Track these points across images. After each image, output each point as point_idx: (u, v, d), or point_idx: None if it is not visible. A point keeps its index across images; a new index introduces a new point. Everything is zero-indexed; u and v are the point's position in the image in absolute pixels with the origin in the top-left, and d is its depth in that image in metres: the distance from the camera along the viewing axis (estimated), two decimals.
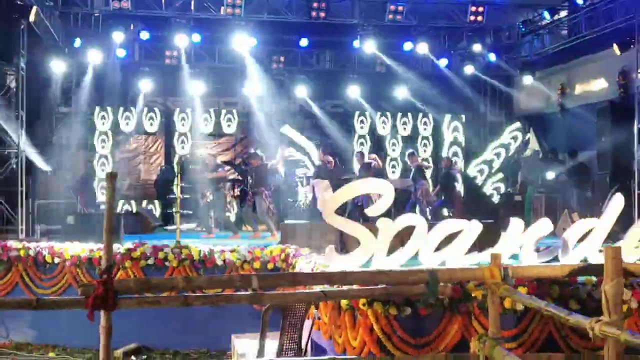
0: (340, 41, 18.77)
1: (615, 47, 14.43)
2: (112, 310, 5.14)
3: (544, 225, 6.50)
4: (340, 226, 6.33)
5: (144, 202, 17.93)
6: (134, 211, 17.00)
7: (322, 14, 16.46)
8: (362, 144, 19.00)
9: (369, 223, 7.06)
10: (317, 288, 5.78)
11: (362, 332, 6.31)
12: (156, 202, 17.94)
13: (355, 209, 12.80)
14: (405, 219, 6.45)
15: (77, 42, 16.91)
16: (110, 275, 5.21)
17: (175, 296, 5.37)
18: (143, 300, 5.33)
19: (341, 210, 10.99)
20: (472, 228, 6.47)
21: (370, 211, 6.40)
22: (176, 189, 10.96)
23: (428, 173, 17.26)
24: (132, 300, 5.26)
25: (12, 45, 11.80)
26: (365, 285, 5.81)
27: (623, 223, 7.43)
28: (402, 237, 6.44)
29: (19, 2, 12.09)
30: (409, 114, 19.29)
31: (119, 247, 9.98)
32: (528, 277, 6.07)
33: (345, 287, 5.92)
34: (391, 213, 7.38)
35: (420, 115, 19.31)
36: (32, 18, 12.54)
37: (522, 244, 6.47)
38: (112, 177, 5.43)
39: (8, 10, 11.51)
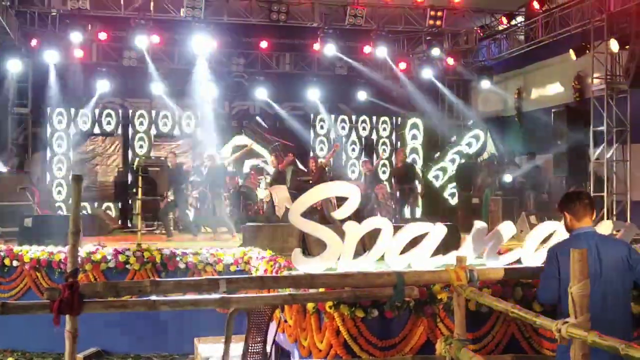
0: (301, 44, 18.84)
1: (571, 52, 14.66)
2: (78, 315, 5.08)
3: (507, 228, 6.60)
4: (307, 229, 6.34)
5: (102, 204, 17.68)
6: (91, 213, 16.77)
7: (283, 17, 16.44)
8: (321, 148, 19.03)
9: (332, 225, 7.08)
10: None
11: (328, 334, 6.32)
12: (112, 204, 17.73)
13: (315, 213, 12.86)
14: (371, 222, 6.49)
15: (34, 42, 16.62)
16: (76, 278, 5.15)
17: (143, 300, 5.32)
18: (110, 304, 5.26)
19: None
20: (437, 231, 6.53)
21: (337, 214, 6.42)
22: (139, 191, 10.86)
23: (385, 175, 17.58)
24: (99, 304, 5.20)
25: None
26: (332, 288, 5.84)
27: None
28: (367, 240, 6.47)
29: None
30: (368, 117, 19.37)
31: (79, 250, 9.83)
32: (493, 279, 6.15)
33: (312, 290, 5.94)
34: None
35: (381, 118, 19.39)
36: None
37: (486, 247, 6.55)
38: (78, 179, 5.38)
39: None
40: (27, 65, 16.97)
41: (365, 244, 6.80)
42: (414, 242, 6.63)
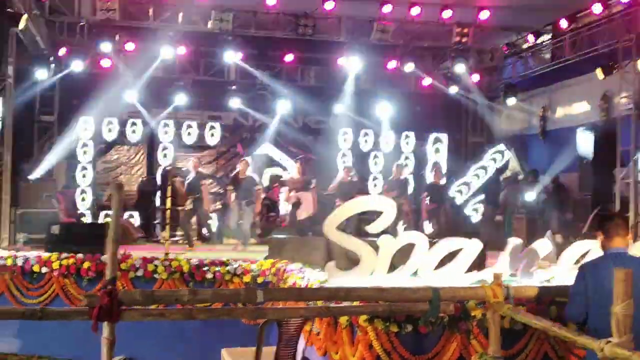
0: (326, 58, 18.85)
1: (598, 71, 14.59)
2: (116, 322, 5.12)
3: (542, 245, 6.57)
4: (342, 242, 6.34)
5: (126, 213, 17.75)
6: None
7: (309, 31, 16.48)
8: (344, 162, 19.03)
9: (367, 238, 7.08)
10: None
11: (361, 348, 6.31)
12: (136, 213, 17.81)
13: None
14: (406, 237, 6.49)
15: (62, 51, 16.76)
16: (114, 286, 5.19)
17: (180, 309, 5.35)
18: (147, 313, 5.31)
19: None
20: (472, 246, 6.52)
21: (371, 228, 6.42)
22: (168, 201, 10.91)
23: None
24: (137, 312, 5.24)
25: (1, 53, 11.68)
26: (367, 302, 5.84)
27: None
28: (402, 255, 6.47)
29: (8, 10, 11.96)
30: (391, 132, 19.36)
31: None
32: (529, 296, 6.13)
33: (345, 303, 5.94)
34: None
35: (404, 133, 19.38)
36: (22, 26, 12.44)
37: (520, 264, 6.52)
38: (119, 188, 5.44)
39: None
40: (54, 74, 17.13)
41: (403, 258, 6.78)
42: (449, 257, 6.61)
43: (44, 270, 10.08)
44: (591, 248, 6.81)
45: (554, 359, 6.54)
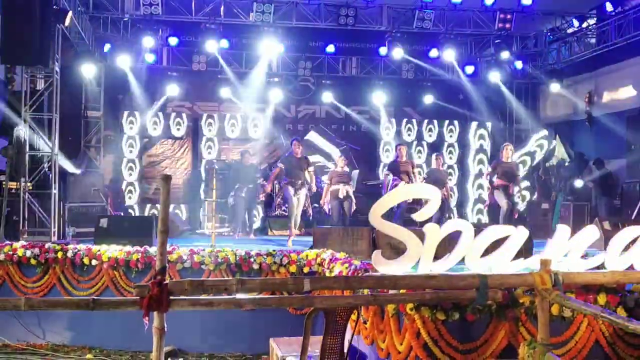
0: (367, 48, 18.85)
1: None
2: (165, 312, 5.19)
3: (591, 232, 6.49)
4: (387, 230, 6.33)
5: (172, 206, 17.97)
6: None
7: (351, 21, 16.46)
8: (387, 149, 18.98)
9: (412, 227, 7.06)
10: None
11: (408, 336, 6.32)
12: (182, 206, 18.02)
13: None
14: (452, 225, 6.45)
15: (107, 47, 17.00)
16: (164, 276, 5.26)
17: (229, 298, 5.40)
18: (196, 302, 5.36)
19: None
20: (519, 234, 6.46)
21: (417, 216, 6.40)
22: (212, 193, 11.01)
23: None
24: (186, 302, 5.29)
25: (47, 50, 11.87)
26: (414, 290, 5.83)
27: None
28: (448, 243, 6.43)
29: (54, 7, 12.15)
30: (435, 121, 19.26)
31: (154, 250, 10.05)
32: (578, 283, 6.08)
33: (391, 292, 5.94)
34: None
35: (447, 122, 19.26)
36: (67, 23, 12.63)
37: (569, 251, 6.44)
38: (167, 179, 5.50)
39: (44, 15, 11.58)
40: (100, 70, 17.39)
41: (449, 246, 6.75)
42: (495, 245, 6.56)
43: (94, 262, 10.25)
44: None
45: (605, 347, 6.47)
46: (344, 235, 10.79)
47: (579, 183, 16.17)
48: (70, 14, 12.65)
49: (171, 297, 5.18)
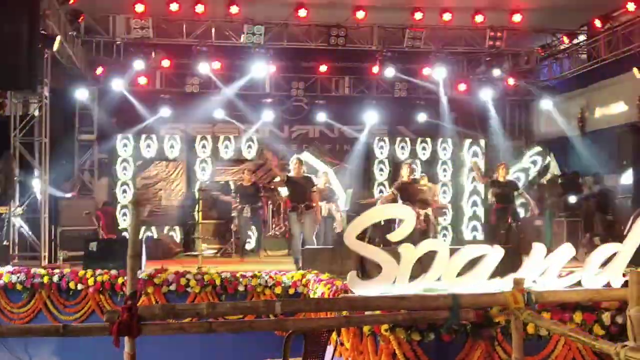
0: (360, 67, 18.88)
1: (635, 70, 14.38)
2: (136, 337, 5.18)
3: (566, 250, 6.48)
4: (362, 251, 6.34)
5: (165, 228, 17.99)
6: (155, 237, 17.07)
7: (341, 41, 16.53)
8: (381, 169, 18.99)
9: (390, 247, 7.07)
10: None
11: (384, 358, 6.30)
12: (177, 228, 18.03)
13: (376, 232, 12.73)
14: (427, 244, 6.45)
15: (100, 70, 17.10)
16: (134, 301, 5.26)
17: (200, 322, 5.40)
18: (167, 327, 5.38)
19: (362, 234, 11.05)
20: (494, 253, 6.46)
21: (392, 236, 6.41)
22: (197, 215, 11.02)
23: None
24: (157, 327, 5.30)
25: (35, 75, 11.92)
26: (387, 311, 5.83)
27: None
28: (423, 263, 6.43)
29: (43, 32, 12.22)
30: (428, 139, 19.27)
31: (140, 273, 10.05)
32: (551, 302, 6.07)
33: (367, 313, 5.94)
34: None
35: (440, 139, 19.27)
36: (56, 47, 12.70)
37: (544, 269, 6.44)
38: (136, 203, 5.52)
39: (31, 40, 11.63)
40: (92, 93, 17.47)
41: (425, 266, 6.75)
42: (471, 264, 6.56)
43: (80, 287, 10.24)
44: (618, 250, 6.69)
45: None
46: (333, 256, 10.78)
47: (572, 199, 16.13)
48: (58, 38, 12.71)
49: (142, 323, 5.17)
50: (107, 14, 16.43)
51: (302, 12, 15.78)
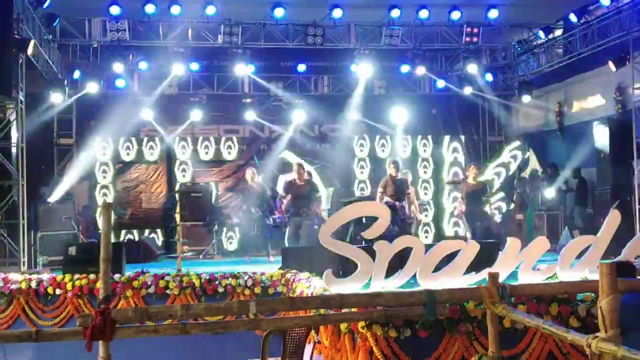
0: (338, 66, 18.88)
1: (610, 63, 14.45)
2: (110, 341, 5.15)
3: (541, 243, 6.51)
4: (337, 249, 6.34)
5: (146, 231, 17.92)
6: (137, 240, 16.99)
7: (319, 40, 16.51)
8: (362, 167, 19.01)
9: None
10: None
11: (362, 355, 6.31)
12: (158, 230, 17.96)
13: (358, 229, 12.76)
14: (403, 241, 6.47)
15: (77, 74, 16.99)
16: (108, 305, 5.22)
17: (174, 324, 5.37)
18: (141, 330, 5.33)
19: (345, 231, 11.07)
20: (470, 248, 6.48)
21: (367, 234, 6.41)
22: (177, 217, 11.00)
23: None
24: (131, 330, 5.26)
25: (9, 79, 11.84)
26: (363, 308, 5.82)
27: (625, 238, 7.44)
28: (400, 259, 6.45)
29: (16, 36, 12.15)
30: (408, 136, 19.30)
31: (120, 277, 10.01)
32: (526, 295, 6.09)
33: (344, 310, 5.93)
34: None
35: (420, 137, 19.30)
36: (30, 51, 12.62)
37: (520, 263, 6.47)
38: (107, 207, 5.49)
39: (4, 44, 11.55)
40: (70, 97, 17.35)
41: (401, 262, 6.76)
42: (448, 259, 6.58)
43: (58, 292, 10.17)
44: (592, 243, 6.73)
45: (559, 357, 6.47)
46: (313, 254, 10.77)
47: (551, 193, 16.22)
48: (32, 42, 12.65)
49: (116, 326, 5.14)
50: (82, 17, 16.36)
51: (279, 12, 15.76)
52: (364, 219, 11.25)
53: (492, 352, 5.62)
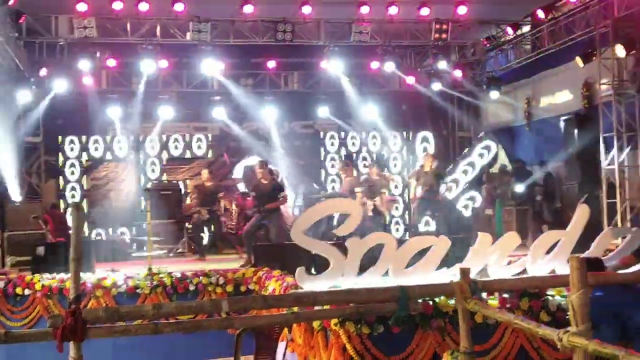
0: (308, 62, 18.86)
1: (577, 59, 14.59)
2: (81, 341, 5.10)
3: (511, 238, 6.56)
4: (309, 246, 6.34)
5: (117, 230, 17.73)
6: (106, 239, 16.83)
7: (288, 36, 16.46)
8: (332, 165, 19.00)
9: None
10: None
11: (335, 352, 6.31)
12: (126, 229, 17.78)
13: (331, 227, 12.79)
14: (375, 237, 6.48)
15: (43, 72, 16.75)
16: (78, 305, 5.17)
17: (146, 324, 5.33)
18: (113, 330, 5.29)
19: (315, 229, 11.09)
20: (441, 244, 6.51)
21: (339, 230, 6.41)
22: (148, 215, 10.92)
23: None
24: (102, 330, 5.22)
25: None
26: (336, 305, 5.82)
27: (593, 232, 7.52)
28: (372, 255, 6.46)
29: None
30: (379, 132, 19.34)
31: (90, 276, 9.92)
32: (497, 290, 6.13)
33: (316, 308, 5.93)
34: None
35: (390, 132, 19.34)
36: None
37: (490, 258, 6.51)
38: (77, 207, 5.43)
39: None
40: (37, 95, 17.08)
41: (373, 259, 6.77)
42: (419, 255, 6.61)
43: (27, 292, 10.05)
44: (561, 238, 6.79)
45: (530, 351, 6.53)
46: (285, 252, 10.76)
47: (520, 188, 16.35)
48: None
49: (87, 326, 5.09)
50: (49, 14, 16.16)
51: (248, 8, 15.65)
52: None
53: (465, 348, 5.66)
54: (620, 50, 13.42)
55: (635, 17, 13.26)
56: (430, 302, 6.30)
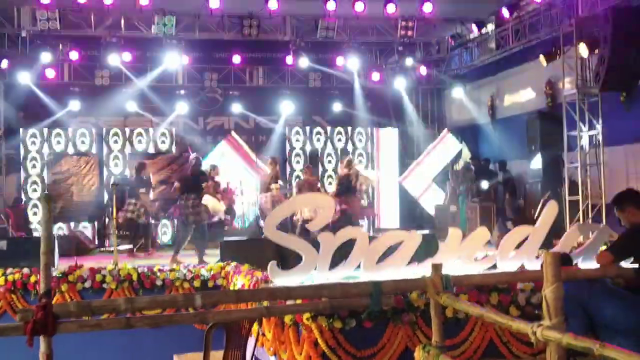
0: (273, 57, 18.84)
1: (541, 58, 14.77)
2: (52, 335, 5.03)
3: (481, 234, 6.62)
4: (282, 241, 6.33)
5: (79, 224, 17.53)
6: (68, 233, 16.61)
7: (254, 31, 16.42)
8: (297, 161, 18.97)
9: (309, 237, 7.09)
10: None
11: (307, 346, 6.30)
12: (89, 224, 17.58)
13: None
14: (347, 232, 6.49)
15: (4, 63, 16.50)
16: (49, 299, 5.10)
17: (117, 318, 5.28)
18: (84, 324, 5.23)
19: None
20: (412, 239, 6.54)
21: (311, 226, 6.41)
22: (112, 210, 10.80)
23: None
24: (73, 324, 5.14)
25: None
26: (309, 300, 5.82)
27: (555, 229, 7.61)
28: (343, 250, 6.47)
29: None
30: (344, 128, 19.35)
31: (54, 271, 9.77)
32: (468, 284, 6.18)
33: (289, 302, 5.92)
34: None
35: (355, 129, 19.38)
36: None
37: (461, 253, 6.57)
38: (47, 199, 5.35)
39: None
40: None
41: (345, 254, 6.78)
42: (391, 250, 6.63)
43: None
44: (530, 233, 6.87)
45: (499, 345, 6.60)
46: (251, 247, 10.74)
47: (484, 184, 16.51)
48: None
49: (58, 321, 5.02)
50: (11, 5, 15.88)
51: (214, 3, 15.54)
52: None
53: (436, 342, 5.69)
54: (583, 50, 13.59)
55: (599, 17, 13.44)
56: (402, 297, 6.33)
